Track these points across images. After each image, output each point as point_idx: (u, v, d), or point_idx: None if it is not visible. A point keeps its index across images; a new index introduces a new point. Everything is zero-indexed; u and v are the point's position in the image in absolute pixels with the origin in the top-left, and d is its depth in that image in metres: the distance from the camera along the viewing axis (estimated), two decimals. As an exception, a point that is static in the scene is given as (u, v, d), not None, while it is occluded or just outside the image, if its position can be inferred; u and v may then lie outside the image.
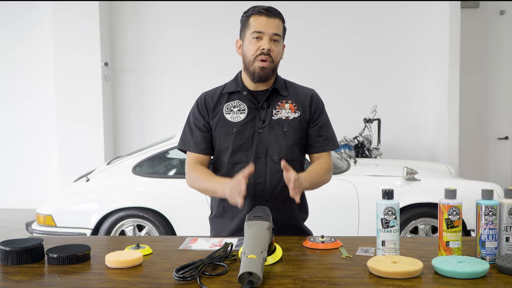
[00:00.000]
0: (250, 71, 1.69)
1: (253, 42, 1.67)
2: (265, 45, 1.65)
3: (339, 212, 3.73)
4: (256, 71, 1.68)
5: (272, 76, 1.73)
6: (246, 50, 1.70)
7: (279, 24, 1.69)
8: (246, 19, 1.71)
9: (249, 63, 1.69)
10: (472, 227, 3.61)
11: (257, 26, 1.67)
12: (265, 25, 1.66)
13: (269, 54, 1.66)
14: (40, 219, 3.90)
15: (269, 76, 1.70)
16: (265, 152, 1.70)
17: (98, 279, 1.22)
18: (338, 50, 6.55)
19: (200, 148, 1.76)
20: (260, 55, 1.66)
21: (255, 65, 1.67)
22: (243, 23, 1.73)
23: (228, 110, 1.73)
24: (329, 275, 1.23)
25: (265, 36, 1.66)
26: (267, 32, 1.66)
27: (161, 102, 6.68)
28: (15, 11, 6.59)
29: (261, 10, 1.68)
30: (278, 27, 1.68)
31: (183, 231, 3.80)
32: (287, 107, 1.73)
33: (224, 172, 1.74)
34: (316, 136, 1.76)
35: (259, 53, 1.66)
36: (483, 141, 6.61)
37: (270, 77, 1.71)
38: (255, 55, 1.67)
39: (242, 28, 1.73)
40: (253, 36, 1.67)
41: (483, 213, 1.29)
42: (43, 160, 6.68)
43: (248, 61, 1.70)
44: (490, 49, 6.51)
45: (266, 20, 1.66)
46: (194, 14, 6.58)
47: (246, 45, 1.70)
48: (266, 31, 1.66)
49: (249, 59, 1.69)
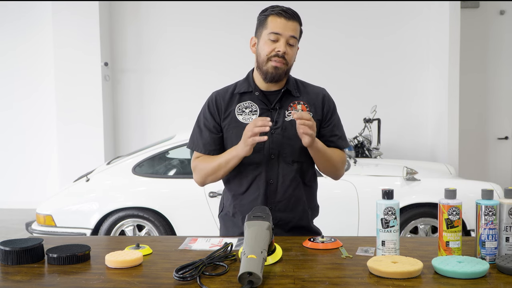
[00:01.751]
0: (263, 70, 1.68)
1: (269, 42, 1.66)
2: (281, 48, 1.64)
3: (339, 212, 3.73)
4: (269, 70, 1.66)
5: (284, 78, 1.72)
6: (261, 49, 1.69)
7: (296, 27, 1.67)
8: (264, 18, 1.69)
9: (262, 62, 1.68)
10: (472, 227, 3.61)
11: (274, 27, 1.65)
12: (283, 27, 1.64)
13: (284, 57, 1.65)
14: (40, 219, 3.90)
15: (281, 77, 1.69)
16: (277, 153, 1.69)
17: (98, 279, 1.22)
18: (338, 50, 6.55)
19: (209, 150, 1.76)
20: (274, 56, 1.65)
21: (268, 64, 1.66)
22: (261, 21, 1.70)
23: (240, 111, 1.72)
24: (329, 275, 1.23)
25: (282, 39, 1.64)
26: (285, 34, 1.64)
27: (161, 102, 6.68)
28: (15, 11, 6.58)
29: (280, 12, 1.65)
30: (295, 30, 1.67)
31: (183, 231, 3.80)
32: (299, 108, 1.72)
33: (235, 173, 1.74)
34: (330, 136, 1.77)
35: (274, 54, 1.65)
36: (483, 141, 6.61)
37: (282, 78, 1.70)
38: (269, 56, 1.66)
39: (259, 27, 1.71)
40: (270, 38, 1.65)
41: (483, 213, 1.29)
42: (43, 160, 6.68)
43: (261, 60, 1.68)
44: (490, 49, 6.51)
45: (285, 22, 1.64)
46: (194, 14, 6.58)
47: (261, 44, 1.68)
48: (284, 33, 1.64)
49: (263, 58, 1.68)
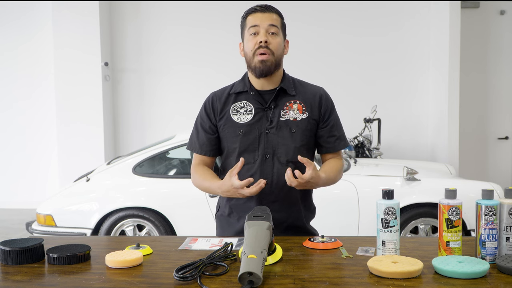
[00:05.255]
0: (252, 67, 1.69)
1: (250, 38, 1.68)
2: (261, 38, 1.65)
3: (339, 212, 3.73)
4: (257, 65, 1.67)
5: (275, 71, 1.71)
6: (246, 48, 1.70)
7: (273, 17, 1.69)
8: (243, 20, 1.73)
9: (250, 60, 1.69)
10: (472, 227, 3.61)
11: (252, 22, 1.68)
12: (260, 19, 1.67)
13: (268, 47, 1.65)
14: (40, 219, 3.90)
15: (271, 69, 1.68)
16: (272, 153, 1.69)
17: (98, 279, 1.22)
18: (338, 50, 6.55)
19: (205, 150, 1.78)
20: (258, 48, 1.66)
21: (255, 60, 1.67)
22: (241, 24, 1.74)
23: (235, 111, 1.73)
24: (329, 275, 1.23)
25: (261, 30, 1.66)
26: (262, 25, 1.66)
27: (161, 102, 6.68)
28: (15, 11, 6.58)
29: (255, 8, 1.70)
30: (273, 19, 1.68)
31: (183, 231, 3.80)
32: (295, 107, 1.72)
33: None
34: (328, 136, 1.76)
35: (257, 47, 1.66)
36: (483, 141, 6.61)
37: (272, 70, 1.69)
38: (254, 50, 1.66)
39: (241, 30, 1.74)
40: (250, 33, 1.67)
41: (483, 213, 1.29)
42: (43, 160, 6.68)
43: (249, 58, 1.69)
44: (490, 49, 6.51)
45: (261, 15, 1.68)
46: (194, 14, 6.58)
47: (245, 43, 1.71)
48: (261, 24, 1.66)
49: (249, 55, 1.69)
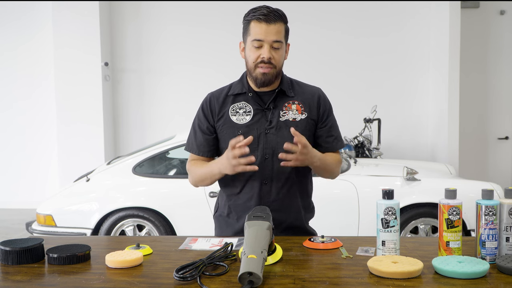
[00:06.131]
0: (253, 76, 1.69)
1: (253, 50, 1.66)
2: (265, 54, 1.64)
3: (339, 212, 3.73)
4: (258, 77, 1.68)
5: (275, 81, 1.72)
6: (247, 56, 1.70)
7: (279, 29, 1.66)
8: (246, 23, 1.69)
9: (251, 69, 1.69)
10: (472, 227, 3.61)
11: (256, 34, 1.64)
12: (265, 33, 1.63)
13: (270, 62, 1.65)
14: (40, 219, 3.90)
15: (271, 81, 1.70)
16: (271, 153, 1.69)
17: (98, 279, 1.22)
18: (338, 51, 6.55)
19: (203, 151, 1.79)
20: (260, 63, 1.65)
21: (257, 71, 1.67)
22: (244, 27, 1.71)
23: (234, 112, 1.73)
24: (329, 275, 1.23)
25: (265, 44, 1.64)
26: (267, 40, 1.64)
27: (161, 102, 6.68)
28: (15, 11, 6.58)
29: (259, 17, 1.64)
30: (279, 33, 1.65)
31: (183, 231, 3.80)
32: (294, 108, 1.73)
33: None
34: (326, 136, 1.77)
35: (260, 61, 1.65)
36: (483, 141, 6.61)
37: (273, 82, 1.71)
38: (256, 63, 1.66)
39: (244, 32, 1.72)
40: (254, 45, 1.66)
41: (483, 213, 1.29)
42: (43, 160, 6.67)
43: (250, 67, 1.69)
44: (490, 49, 6.51)
45: (266, 27, 1.63)
46: (194, 14, 6.58)
47: (247, 51, 1.70)
48: (266, 39, 1.64)
49: (250, 65, 1.69)
